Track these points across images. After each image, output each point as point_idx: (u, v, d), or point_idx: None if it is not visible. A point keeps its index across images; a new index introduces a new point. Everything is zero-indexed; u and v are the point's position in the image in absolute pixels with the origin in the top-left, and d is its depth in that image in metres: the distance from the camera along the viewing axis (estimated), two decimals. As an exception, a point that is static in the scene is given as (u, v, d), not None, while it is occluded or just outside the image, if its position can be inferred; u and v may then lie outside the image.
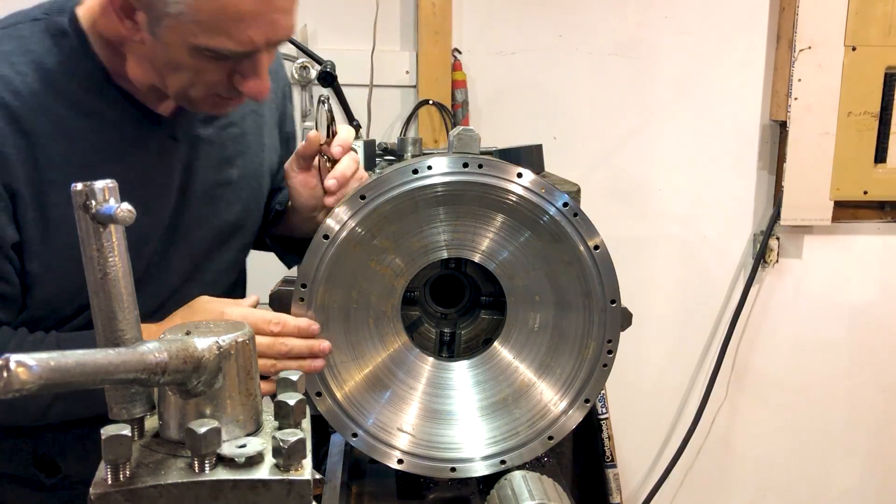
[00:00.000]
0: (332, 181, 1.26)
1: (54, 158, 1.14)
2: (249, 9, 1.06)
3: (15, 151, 1.11)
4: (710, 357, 2.66)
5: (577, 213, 1.20)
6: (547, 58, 2.43)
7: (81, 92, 1.17)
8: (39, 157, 1.13)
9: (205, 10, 1.05)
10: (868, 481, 2.77)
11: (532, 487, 1.19)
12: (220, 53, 1.10)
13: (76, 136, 1.16)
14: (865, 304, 2.62)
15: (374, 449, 1.23)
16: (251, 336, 0.78)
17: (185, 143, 1.29)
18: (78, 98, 1.17)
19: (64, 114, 1.16)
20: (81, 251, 0.72)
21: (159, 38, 1.09)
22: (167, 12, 1.06)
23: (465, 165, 1.18)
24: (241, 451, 0.72)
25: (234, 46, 1.09)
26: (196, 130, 1.30)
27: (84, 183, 0.70)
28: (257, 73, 1.15)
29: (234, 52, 1.10)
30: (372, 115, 2.37)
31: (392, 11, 2.35)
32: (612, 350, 1.25)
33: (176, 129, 1.27)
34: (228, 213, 1.37)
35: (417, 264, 1.23)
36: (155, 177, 1.25)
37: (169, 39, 1.09)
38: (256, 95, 1.18)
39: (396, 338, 1.25)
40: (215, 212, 1.34)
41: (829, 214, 2.46)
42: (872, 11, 2.31)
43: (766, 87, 2.50)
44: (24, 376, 0.56)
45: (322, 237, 1.18)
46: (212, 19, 1.06)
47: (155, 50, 1.12)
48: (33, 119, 1.13)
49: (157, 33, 1.09)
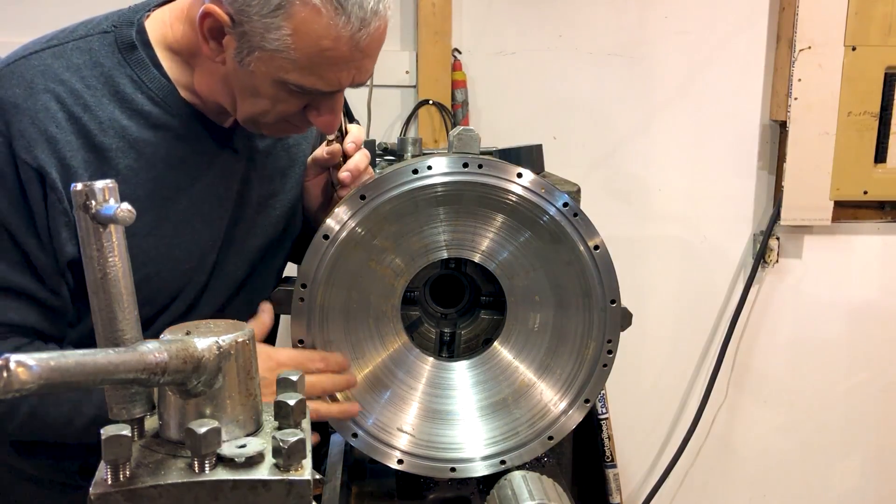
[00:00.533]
0: (346, 173, 1.28)
1: (122, 172, 1.15)
2: (345, 55, 1.08)
3: (84, 165, 1.12)
4: (710, 357, 2.66)
5: (577, 213, 1.20)
6: (547, 58, 2.43)
7: (149, 105, 1.18)
8: (108, 171, 1.14)
9: (304, 51, 1.07)
10: (868, 481, 2.77)
11: (532, 487, 1.19)
12: (307, 90, 1.12)
13: (144, 150, 1.17)
14: (865, 304, 2.62)
15: (374, 449, 1.23)
16: (251, 336, 0.78)
17: (243, 154, 1.30)
18: (146, 112, 1.17)
19: (132, 127, 1.16)
20: (81, 251, 0.73)
21: (245, 66, 1.10)
22: (263, 46, 1.07)
23: (465, 165, 1.18)
24: (241, 451, 0.72)
25: (324, 87, 1.12)
26: (254, 142, 1.32)
27: (84, 183, 0.70)
28: (333, 110, 1.18)
29: (320, 91, 1.13)
30: (372, 115, 2.36)
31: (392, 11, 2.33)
32: (612, 350, 1.25)
33: (236, 142, 1.28)
34: (278, 221, 1.38)
35: (417, 264, 1.23)
36: (217, 189, 1.26)
37: (256, 69, 1.10)
38: (328, 130, 1.22)
39: (396, 338, 1.25)
40: (268, 220, 1.36)
41: (829, 214, 2.45)
42: (872, 11, 2.31)
43: (766, 87, 2.50)
44: (23, 376, 0.56)
45: (322, 237, 1.18)
46: (309, 60, 1.08)
47: (236, 74, 1.13)
48: (102, 132, 1.14)
49: (245, 61, 1.10)
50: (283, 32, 1.05)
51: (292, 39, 1.05)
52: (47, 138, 1.10)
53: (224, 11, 1.08)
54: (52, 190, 1.10)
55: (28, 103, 1.10)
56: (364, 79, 1.16)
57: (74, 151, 1.11)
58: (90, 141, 1.13)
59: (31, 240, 1.11)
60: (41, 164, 1.09)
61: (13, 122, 1.09)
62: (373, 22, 1.08)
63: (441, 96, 2.35)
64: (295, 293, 1.18)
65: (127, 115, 1.16)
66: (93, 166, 1.12)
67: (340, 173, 1.28)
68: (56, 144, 1.10)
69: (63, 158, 1.11)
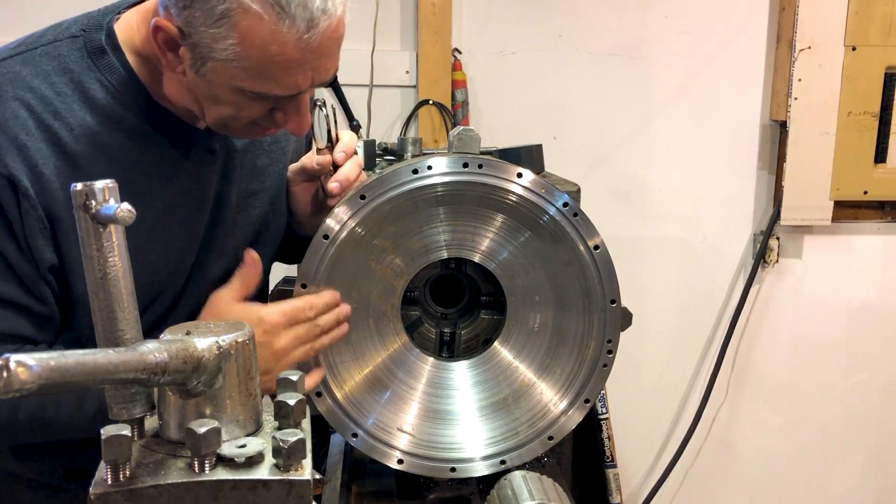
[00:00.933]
0: (336, 184, 1.26)
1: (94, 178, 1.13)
2: (296, 58, 1.06)
3: (55, 173, 1.11)
4: (710, 357, 2.66)
5: (577, 213, 1.20)
6: (547, 58, 2.43)
7: (121, 110, 1.17)
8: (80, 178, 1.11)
9: (253, 59, 1.05)
10: (868, 481, 2.77)
11: (532, 487, 1.19)
12: (265, 96, 1.11)
13: (116, 156, 1.16)
14: (865, 304, 2.62)
15: (374, 449, 1.23)
16: (251, 336, 0.78)
17: (220, 154, 1.29)
18: (118, 117, 1.16)
19: (104, 133, 1.15)
20: (81, 251, 0.72)
21: (202, 76, 1.09)
22: (213, 56, 1.06)
23: (465, 165, 1.18)
24: (241, 451, 0.72)
25: (280, 91, 1.10)
26: (231, 142, 1.31)
27: (84, 183, 0.70)
28: (299, 111, 1.16)
29: (280, 96, 1.11)
30: (372, 115, 2.36)
31: (392, 11, 2.35)
32: (612, 350, 1.25)
33: (213, 142, 1.27)
34: (258, 220, 1.37)
35: (417, 264, 1.23)
36: (193, 191, 1.25)
37: (213, 78, 1.09)
38: (297, 132, 1.19)
39: (396, 338, 1.25)
40: (247, 220, 1.35)
41: (829, 214, 2.45)
42: (872, 11, 2.31)
43: (766, 87, 2.50)
44: (23, 376, 0.56)
45: (322, 237, 1.18)
46: (259, 67, 1.06)
47: (196, 84, 1.12)
48: (74, 140, 1.12)
49: (201, 72, 1.09)
50: (229, 42, 1.04)
51: (240, 48, 1.04)
52: (17, 146, 1.09)
53: (173, 24, 1.07)
54: (25, 198, 1.09)
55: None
56: (325, 78, 1.14)
57: (46, 159, 1.10)
58: (61, 148, 1.11)
59: (11, 247, 1.10)
60: (12, 172, 1.08)
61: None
62: (321, 22, 1.06)
63: (441, 96, 2.35)
64: (295, 293, 1.18)
65: (98, 121, 1.15)
66: (64, 174, 1.11)
67: (329, 184, 1.27)
68: (27, 152, 1.09)
69: (34, 166, 1.09)
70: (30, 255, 1.11)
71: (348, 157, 1.29)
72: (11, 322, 1.12)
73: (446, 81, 2.35)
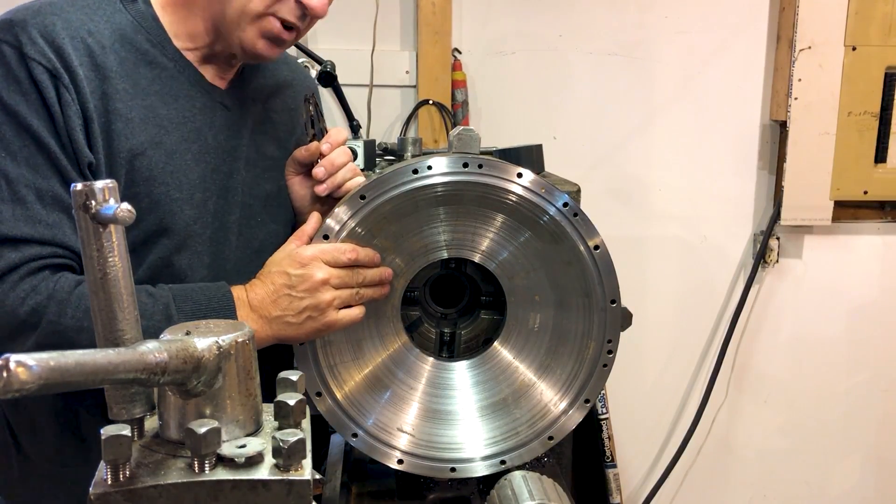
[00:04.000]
0: (321, 168, 1.29)
1: (120, 92, 1.20)
2: None
3: (87, 82, 1.16)
4: (710, 357, 2.66)
5: (577, 213, 1.20)
6: (547, 58, 2.43)
7: (147, 45, 1.24)
8: (107, 89, 1.19)
9: None
10: (868, 481, 2.77)
11: (532, 487, 1.19)
12: None
13: (140, 79, 1.23)
14: (865, 304, 2.62)
15: (374, 449, 1.23)
16: (251, 336, 0.78)
17: (235, 112, 1.34)
18: (143, 49, 1.24)
19: (131, 58, 1.22)
20: (81, 251, 0.72)
21: None
22: None
23: (465, 165, 1.18)
24: (241, 452, 0.72)
25: None
26: (246, 106, 1.37)
27: (84, 183, 0.70)
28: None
29: None
30: (372, 115, 2.37)
31: (392, 11, 2.35)
32: (612, 350, 1.25)
33: (227, 100, 1.33)
34: (270, 183, 1.40)
35: (417, 264, 1.23)
36: (205, 134, 1.29)
37: None
38: (319, 9, 1.24)
39: (396, 338, 1.25)
40: (256, 180, 1.38)
41: (829, 214, 2.45)
42: (872, 11, 2.31)
43: (766, 87, 2.50)
44: (23, 376, 0.56)
45: (322, 237, 1.18)
46: None
47: None
48: (104, 56, 1.19)
49: None
50: None
51: None
52: (56, 48, 1.15)
53: None
54: (66, 89, 1.14)
55: (36, 20, 1.16)
56: None
57: (78, 65, 1.16)
58: (93, 60, 1.18)
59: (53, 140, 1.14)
60: (54, 66, 1.14)
61: (22, 33, 1.14)
62: None
63: (441, 96, 2.35)
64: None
65: (126, 49, 1.22)
66: (94, 82, 1.17)
67: (315, 169, 1.29)
68: (63, 53, 1.15)
69: (70, 66, 1.15)
70: (71, 150, 1.15)
71: (334, 147, 1.32)
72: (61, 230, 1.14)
73: (446, 81, 2.35)
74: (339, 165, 1.30)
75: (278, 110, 1.45)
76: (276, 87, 1.45)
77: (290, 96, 1.48)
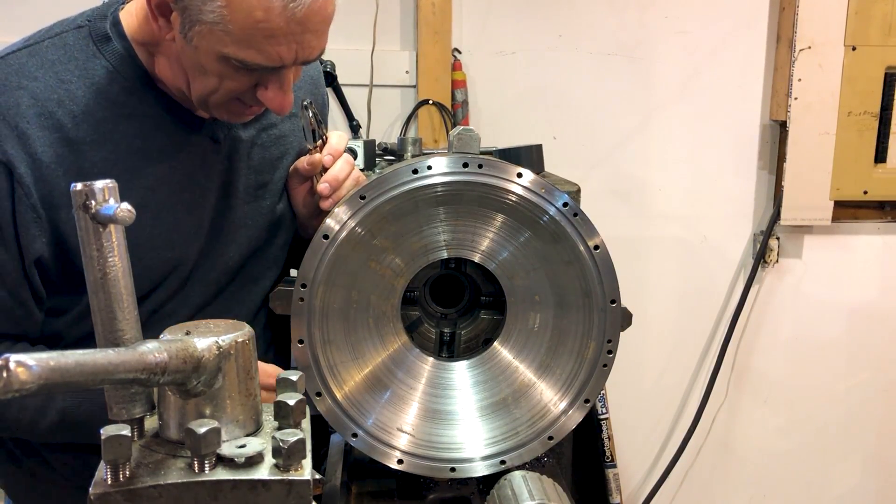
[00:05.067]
0: (325, 185, 1.27)
1: (97, 164, 1.16)
2: (282, 28, 1.07)
3: (57, 160, 1.13)
4: (710, 357, 2.66)
5: (577, 213, 1.20)
6: (547, 58, 2.43)
7: (124, 95, 1.19)
8: (83, 164, 1.15)
9: (238, 23, 1.06)
10: (868, 481, 2.77)
11: (532, 487, 1.19)
12: (248, 65, 1.11)
13: (121, 141, 1.18)
14: (865, 304, 2.62)
15: (374, 449, 1.23)
16: (251, 336, 0.78)
17: (225, 144, 1.31)
18: (121, 101, 1.19)
19: (108, 119, 1.17)
20: (81, 251, 0.72)
21: (189, 42, 1.11)
22: (201, 19, 1.07)
23: (465, 165, 1.18)
24: (240, 452, 0.72)
25: (263, 61, 1.11)
26: (237, 132, 1.32)
27: (84, 183, 0.70)
28: (282, 87, 1.17)
29: (262, 66, 1.12)
30: (372, 115, 2.37)
31: (392, 11, 2.35)
32: (612, 350, 1.25)
33: (216, 131, 1.29)
34: (272, 212, 1.39)
35: (417, 264, 1.23)
36: (197, 178, 1.27)
37: (199, 44, 1.10)
38: (278, 109, 1.19)
39: (396, 338, 1.25)
40: (259, 210, 1.37)
41: (829, 214, 2.46)
42: (872, 11, 2.31)
43: (766, 87, 2.50)
44: (23, 376, 0.56)
45: (322, 237, 1.18)
46: (244, 33, 1.07)
47: (184, 51, 1.13)
48: (76, 127, 1.15)
49: (189, 36, 1.10)
50: (217, 4, 1.06)
51: (227, 11, 1.06)
52: (18, 134, 1.11)
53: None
54: (20, 185, 1.10)
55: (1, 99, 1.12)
56: (309, 56, 1.14)
57: (46, 147, 1.12)
58: (64, 135, 1.13)
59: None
60: (9, 159, 1.10)
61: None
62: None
63: (441, 96, 2.35)
64: (295, 293, 1.18)
65: (102, 106, 1.17)
66: (67, 161, 1.13)
67: (319, 185, 1.27)
68: (27, 140, 1.11)
69: (34, 153, 1.11)
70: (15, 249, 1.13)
71: (336, 158, 1.30)
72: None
73: (446, 81, 2.35)
74: (343, 179, 1.29)
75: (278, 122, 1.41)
76: None
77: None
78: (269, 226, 1.39)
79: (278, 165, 1.40)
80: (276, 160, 1.39)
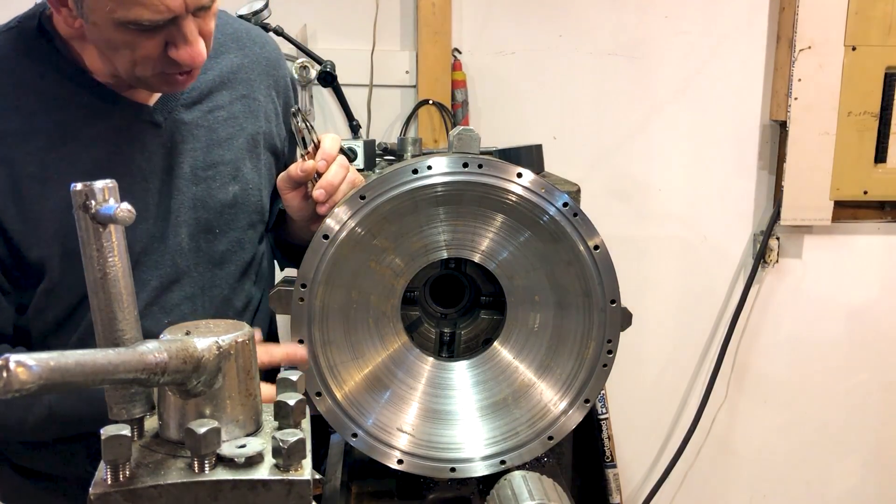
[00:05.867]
0: (320, 191, 1.23)
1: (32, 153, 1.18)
2: None
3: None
4: (709, 357, 2.66)
5: (577, 213, 1.20)
6: (547, 58, 2.43)
7: (56, 88, 1.21)
8: (15, 155, 1.17)
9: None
10: (868, 481, 2.77)
11: (532, 487, 1.19)
12: (142, 24, 1.10)
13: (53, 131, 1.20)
14: (865, 304, 2.62)
15: (374, 449, 1.23)
16: (251, 336, 0.78)
17: (167, 128, 1.31)
18: (52, 94, 1.20)
19: (39, 111, 1.19)
20: (81, 251, 0.72)
21: (88, 20, 1.11)
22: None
23: (465, 165, 1.18)
24: (240, 452, 0.72)
25: (152, 15, 1.09)
26: (179, 115, 1.32)
27: (84, 183, 0.70)
28: (187, 39, 1.15)
29: (155, 21, 1.10)
30: (372, 115, 2.36)
31: (392, 11, 2.35)
32: (612, 350, 1.25)
33: (155, 115, 1.30)
34: (224, 192, 1.37)
35: (417, 264, 1.23)
36: (138, 162, 1.27)
37: (96, 19, 1.10)
38: (190, 62, 1.17)
39: (396, 338, 1.25)
40: (209, 192, 1.36)
41: (829, 214, 2.46)
42: (872, 11, 2.31)
43: (766, 87, 2.50)
44: (23, 376, 0.56)
45: (322, 237, 1.18)
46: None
47: (91, 32, 1.14)
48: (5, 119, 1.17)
49: (85, 15, 1.11)
50: None
51: None
52: None
53: None
54: None
55: None
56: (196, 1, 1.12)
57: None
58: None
59: None
60: None
61: None
62: None
63: (441, 96, 2.35)
64: (294, 293, 1.18)
65: (32, 101, 1.19)
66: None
67: (314, 191, 1.24)
68: None
69: None
70: None
71: (330, 163, 1.26)
72: None
73: (446, 81, 2.35)
74: (339, 184, 1.25)
75: (226, 104, 1.39)
76: (219, 82, 1.38)
77: (241, 81, 1.41)
78: (223, 207, 1.37)
79: (228, 146, 1.38)
80: (224, 141, 1.37)
